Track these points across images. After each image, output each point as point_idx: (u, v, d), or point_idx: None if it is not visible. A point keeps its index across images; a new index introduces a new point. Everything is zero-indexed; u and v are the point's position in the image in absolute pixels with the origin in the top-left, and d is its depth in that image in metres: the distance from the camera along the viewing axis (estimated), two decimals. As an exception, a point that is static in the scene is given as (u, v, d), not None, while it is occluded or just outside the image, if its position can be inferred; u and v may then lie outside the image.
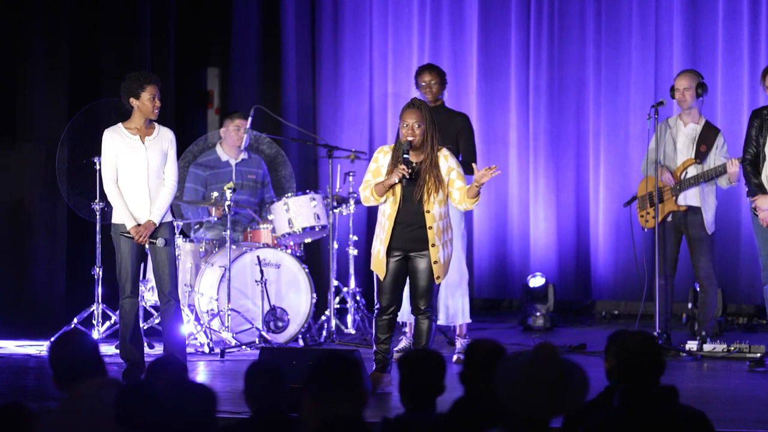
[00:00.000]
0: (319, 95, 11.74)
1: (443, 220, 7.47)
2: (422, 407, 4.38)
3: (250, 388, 4.47)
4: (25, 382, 8.23)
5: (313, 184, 11.40)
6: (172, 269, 7.93)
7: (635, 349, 4.28)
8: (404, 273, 7.54)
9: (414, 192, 7.42)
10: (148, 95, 7.83)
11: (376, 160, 7.56)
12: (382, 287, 7.58)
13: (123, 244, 7.87)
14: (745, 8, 10.92)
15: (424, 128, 7.41)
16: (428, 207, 7.42)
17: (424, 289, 7.49)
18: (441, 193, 7.43)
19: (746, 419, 6.77)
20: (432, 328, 7.58)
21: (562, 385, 3.75)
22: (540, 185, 11.38)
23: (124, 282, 7.88)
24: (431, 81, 8.92)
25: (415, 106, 7.46)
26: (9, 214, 10.08)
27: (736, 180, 8.92)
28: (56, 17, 9.99)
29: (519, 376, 3.77)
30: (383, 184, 7.42)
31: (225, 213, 9.24)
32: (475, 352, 4.33)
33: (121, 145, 7.86)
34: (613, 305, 11.31)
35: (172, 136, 7.99)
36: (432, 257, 7.44)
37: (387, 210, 7.50)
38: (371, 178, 7.51)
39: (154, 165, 7.88)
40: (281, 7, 11.55)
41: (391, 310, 7.56)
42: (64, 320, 9.39)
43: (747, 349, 8.77)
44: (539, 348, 3.81)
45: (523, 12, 11.40)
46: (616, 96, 11.20)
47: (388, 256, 7.49)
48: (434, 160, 7.43)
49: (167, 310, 7.93)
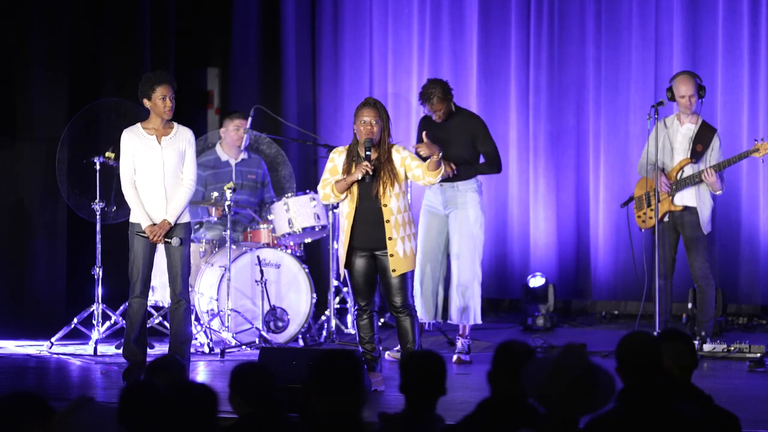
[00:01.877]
0: (319, 95, 11.74)
1: (402, 214, 7.60)
2: (423, 408, 4.38)
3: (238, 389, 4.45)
4: (25, 382, 8.23)
5: (313, 184, 11.37)
6: (184, 270, 7.94)
7: (635, 349, 4.29)
8: (374, 271, 7.66)
9: (371, 189, 7.55)
10: (159, 96, 7.85)
11: (332, 159, 7.72)
12: (354, 288, 7.69)
13: (137, 244, 7.88)
14: (745, 8, 10.91)
15: (381, 125, 7.57)
16: (385, 201, 7.55)
17: (395, 287, 7.59)
18: (397, 187, 7.57)
19: (746, 419, 6.74)
20: (415, 324, 7.66)
21: (588, 382, 3.81)
22: (540, 185, 11.37)
23: (135, 281, 7.89)
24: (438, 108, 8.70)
25: (370, 104, 7.63)
26: (9, 214, 10.08)
27: (717, 189, 8.94)
28: (56, 18, 9.99)
29: (546, 372, 3.83)
30: (345, 181, 7.57)
31: (225, 213, 9.24)
32: (506, 354, 4.33)
33: (138, 145, 7.88)
34: (613, 305, 11.31)
35: (191, 136, 7.99)
36: (389, 250, 7.54)
37: (345, 210, 7.66)
38: (329, 176, 7.66)
39: (170, 165, 7.88)
40: (281, 8, 11.55)
41: (369, 309, 7.66)
42: (64, 320, 9.40)
43: (747, 349, 8.77)
44: (567, 346, 3.87)
45: (523, 12, 11.40)
46: (616, 96, 11.20)
47: (353, 256, 7.60)
48: (389, 156, 7.58)
49: (177, 310, 7.94)
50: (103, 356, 8.92)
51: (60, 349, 9.12)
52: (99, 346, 9.02)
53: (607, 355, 8.64)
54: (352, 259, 7.62)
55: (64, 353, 9.04)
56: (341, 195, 7.60)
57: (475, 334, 9.34)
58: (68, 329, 9.15)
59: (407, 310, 7.63)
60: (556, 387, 3.83)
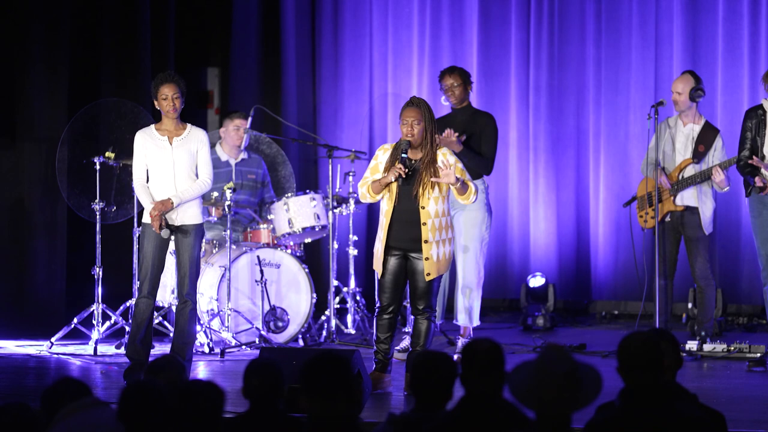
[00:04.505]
0: (319, 95, 11.74)
1: (441, 218, 7.48)
2: (430, 409, 4.37)
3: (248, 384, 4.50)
4: (25, 382, 8.23)
5: (313, 184, 11.40)
6: (192, 271, 7.93)
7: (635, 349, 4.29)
8: (404, 272, 7.55)
9: (411, 190, 7.44)
10: (162, 95, 7.87)
11: (376, 157, 7.61)
12: (382, 286, 7.60)
13: (147, 245, 7.89)
14: (745, 8, 10.91)
15: (423, 126, 7.44)
16: (423, 203, 7.44)
17: (422, 290, 7.50)
18: (437, 190, 7.45)
19: (746, 419, 6.77)
20: (431, 329, 7.58)
21: (573, 379, 3.82)
22: (540, 185, 11.37)
23: (143, 281, 7.89)
24: (454, 84, 8.89)
25: (413, 104, 7.50)
26: (9, 214, 10.09)
27: (724, 186, 8.95)
28: (56, 18, 9.99)
29: (530, 374, 3.83)
30: (380, 182, 7.46)
31: (225, 213, 9.24)
32: (471, 353, 4.33)
33: (150, 145, 7.90)
34: (613, 305, 11.31)
35: (204, 136, 8.00)
36: (424, 253, 7.45)
37: (384, 207, 7.55)
38: (369, 175, 7.57)
39: (181, 165, 7.88)
40: (281, 7, 11.55)
41: (391, 309, 7.56)
42: (64, 320, 9.39)
43: (747, 349, 8.77)
44: (548, 346, 3.91)
45: (523, 12, 11.40)
46: (616, 96, 11.20)
47: (387, 254, 7.51)
48: (433, 158, 7.45)
49: (183, 310, 7.93)
50: (103, 356, 8.92)
51: (60, 349, 9.12)
52: (99, 346, 9.02)
53: (607, 355, 8.65)
54: (386, 257, 7.53)
55: (64, 353, 9.03)
56: (377, 195, 7.50)
57: (476, 334, 9.33)
58: (68, 329, 9.14)
59: (427, 313, 7.58)
60: (542, 388, 3.83)
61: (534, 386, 3.85)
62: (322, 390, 4.04)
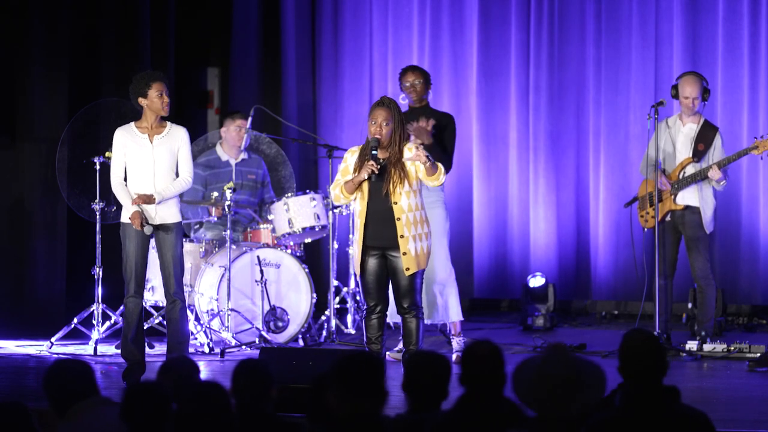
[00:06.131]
0: (319, 95, 11.74)
1: (414, 212, 7.55)
2: (425, 409, 4.37)
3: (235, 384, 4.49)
4: (25, 382, 8.23)
5: (313, 184, 11.39)
6: (177, 270, 7.92)
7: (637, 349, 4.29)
8: (385, 272, 7.61)
9: (381, 187, 7.52)
10: (156, 92, 7.85)
11: (345, 160, 7.71)
12: (365, 287, 7.66)
13: (129, 244, 7.87)
14: (745, 8, 10.91)
15: (392, 126, 7.55)
16: (395, 199, 7.51)
17: (405, 288, 7.56)
18: (408, 185, 7.52)
19: (746, 419, 6.77)
20: (420, 326, 7.64)
21: (576, 381, 3.81)
22: (540, 185, 11.37)
23: (129, 281, 7.88)
24: (415, 81, 8.94)
25: (384, 104, 7.60)
26: (9, 214, 10.09)
27: (721, 182, 8.95)
28: (56, 18, 9.99)
29: (531, 374, 3.83)
30: (352, 181, 7.55)
31: (225, 213, 9.24)
32: (471, 358, 4.33)
33: (129, 143, 7.87)
34: (613, 305, 11.30)
35: (184, 134, 7.97)
36: (401, 248, 7.50)
37: (358, 208, 7.64)
38: (341, 177, 7.65)
39: (161, 164, 7.87)
40: (281, 7, 11.55)
41: (379, 309, 7.63)
42: (64, 320, 9.39)
43: (747, 349, 8.77)
44: (550, 347, 3.90)
45: (523, 12, 11.40)
46: (616, 96, 11.20)
47: (366, 255, 7.59)
48: (400, 155, 7.54)
49: (173, 310, 7.93)
50: (103, 356, 8.92)
51: (60, 349, 9.12)
52: (99, 346, 9.02)
53: (607, 355, 8.64)
54: (364, 258, 7.58)
55: (64, 353, 9.03)
56: (350, 195, 7.58)
57: (476, 334, 9.34)
58: (68, 329, 9.15)
59: (414, 311, 7.61)
60: (545, 390, 3.83)
61: (535, 387, 3.84)
62: (356, 390, 4.04)
